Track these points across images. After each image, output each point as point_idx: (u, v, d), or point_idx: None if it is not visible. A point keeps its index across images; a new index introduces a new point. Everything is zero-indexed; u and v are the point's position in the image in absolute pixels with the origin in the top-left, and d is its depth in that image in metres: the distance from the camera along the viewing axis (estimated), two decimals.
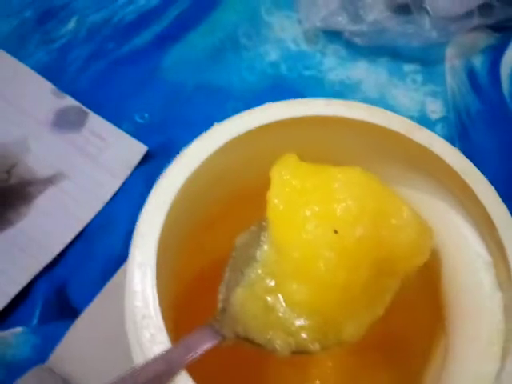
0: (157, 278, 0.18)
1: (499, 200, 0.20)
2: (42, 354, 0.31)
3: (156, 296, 0.17)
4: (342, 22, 0.41)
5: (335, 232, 0.19)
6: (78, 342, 0.31)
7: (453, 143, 0.39)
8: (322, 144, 0.22)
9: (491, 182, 0.38)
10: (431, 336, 0.23)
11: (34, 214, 0.35)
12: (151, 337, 0.17)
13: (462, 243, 0.21)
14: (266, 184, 0.20)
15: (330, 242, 0.19)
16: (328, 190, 0.20)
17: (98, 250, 0.35)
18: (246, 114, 0.20)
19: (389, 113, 0.21)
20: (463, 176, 0.20)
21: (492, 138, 0.40)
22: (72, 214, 0.36)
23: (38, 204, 0.36)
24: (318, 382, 0.25)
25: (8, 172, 0.36)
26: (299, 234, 0.19)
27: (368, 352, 0.26)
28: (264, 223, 0.20)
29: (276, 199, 0.20)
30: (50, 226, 0.35)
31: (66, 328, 0.31)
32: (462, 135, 0.39)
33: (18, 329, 0.32)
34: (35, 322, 0.33)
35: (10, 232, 0.35)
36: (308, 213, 0.19)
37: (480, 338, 0.19)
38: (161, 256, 0.18)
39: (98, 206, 0.36)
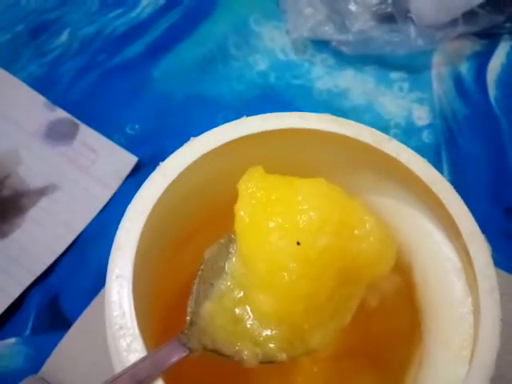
0: (134, 290, 0.18)
1: (465, 208, 0.20)
2: (34, 364, 0.32)
3: (132, 306, 0.18)
4: (328, 31, 0.41)
5: (298, 243, 0.19)
6: (71, 352, 0.31)
7: (440, 149, 0.40)
8: (295, 156, 0.23)
9: (478, 186, 0.39)
10: (409, 341, 0.23)
11: (26, 224, 0.36)
12: (127, 346, 0.18)
13: (434, 249, 0.22)
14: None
15: (292, 253, 0.19)
16: (291, 202, 0.20)
17: (90, 260, 0.35)
18: (222, 128, 0.21)
19: (359, 125, 0.22)
20: (430, 185, 0.21)
21: (479, 144, 0.40)
22: (64, 224, 0.36)
23: (31, 215, 0.36)
24: None
25: (1, 183, 0.37)
26: (264, 246, 0.20)
27: (352, 357, 0.26)
28: (233, 236, 0.21)
29: (242, 212, 0.20)
30: (42, 237, 0.36)
31: (59, 338, 0.32)
32: (448, 141, 0.40)
33: (11, 340, 0.33)
34: (28, 332, 0.33)
35: (3, 243, 0.35)
36: (272, 224, 0.20)
37: (452, 342, 0.20)
38: (138, 269, 0.18)
39: (89, 216, 0.36)
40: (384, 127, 0.40)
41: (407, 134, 0.40)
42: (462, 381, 0.18)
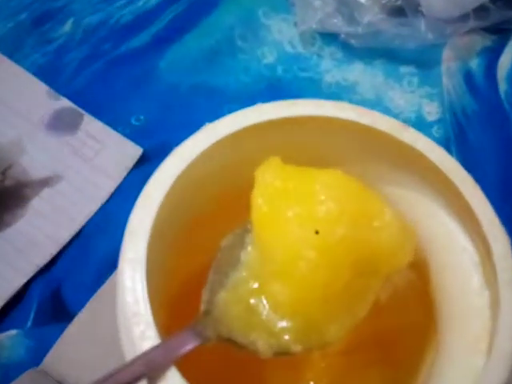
0: (148, 275, 0.18)
1: (484, 197, 0.20)
2: (36, 356, 0.31)
3: (146, 292, 0.17)
4: (337, 24, 0.41)
5: (316, 232, 0.19)
6: (73, 344, 0.31)
7: (449, 144, 0.39)
8: (311, 144, 0.22)
9: (488, 181, 0.39)
10: (423, 334, 0.23)
11: (29, 215, 0.35)
12: (141, 333, 0.17)
13: (450, 240, 0.21)
14: (253, 184, 0.20)
15: (311, 242, 0.19)
16: (309, 192, 0.20)
17: (94, 251, 0.35)
18: (238, 114, 0.20)
19: (376, 113, 0.21)
20: (448, 174, 0.20)
21: (488, 139, 0.40)
22: (68, 215, 0.36)
23: (34, 206, 0.36)
24: (311, 383, 0.25)
25: (3, 173, 0.36)
26: (281, 234, 0.19)
27: (361, 351, 0.26)
28: (249, 225, 0.20)
29: (259, 200, 0.20)
30: (45, 228, 0.35)
31: (61, 331, 0.31)
32: (458, 136, 0.40)
33: (13, 331, 0.32)
34: (30, 324, 0.33)
35: (6, 233, 0.35)
36: (290, 213, 0.19)
37: (469, 335, 0.20)
38: (151, 253, 0.18)
39: (93, 207, 0.36)
40: None
41: (417, 129, 0.39)
42: (479, 370, 0.18)
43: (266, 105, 0.21)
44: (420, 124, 0.40)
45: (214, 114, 0.39)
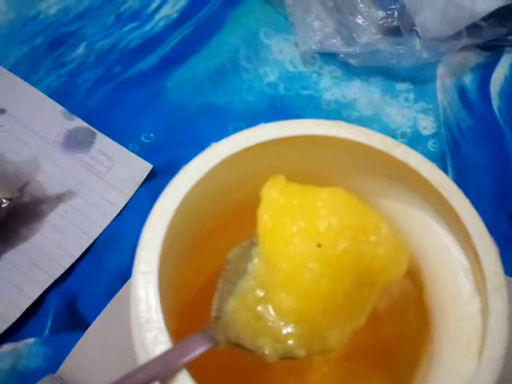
0: (160, 286, 0.19)
1: (473, 210, 0.21)
2: (53, 363, 0.33)
3: (158, 301, 0.19)
4: (336, 44, 0.43)
5: (319, 245, 0.21)
6: (88, 352, 0.32)
7: (444, 158, 0.41)
8: (310, 162, 0.24)
9: (483, 195, 0.40)
10: (418, 341, 0.24)
11: (45, 229, 0.37)
12: (154, 338, 0.18)
13: (443, 251, 0.23)
14: (257, 200, 0.22)
15: (314, 254, 0.20)
16: (312, 208, 0.21)
17: (106, 263, 0.36)
18: (241, 134, 0.22)
19: (370, 131, 0.23)
20: (439, 189, 0.22)
21: (483, 153, 0.41)
22: (81, 229, 0.37)
23: (49, 220, 0.37)
24: None
25: (21, 190, 0.38)
26: (286, 247, 0.21)
27: (362, 357, 0.27)
28: (255, 239, 0.22)
29: (265, 215, 0.21)
30: (60, 241, 0.37)
31: (77, 339, 0.33)
32: (453, 150, 0.41)
33: (31, 340, 0.34)
34: (47, 333, 0.34)
35: (23, 247, 0.36)
36: (294, 228, 0.21)
37: (460, 340, 0.21)
38: (163, 266, 0.19)
39: (105, 222, 0.38)
40: (390, 136, 0.41)
41: (413, 143, 0.41)
42: (471, 374, 0.19)
43: (268, 125, 0.22)
44: (416, 138, 0.41)
45: (220, 132, 0.42)
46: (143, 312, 0.19)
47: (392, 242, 0.21)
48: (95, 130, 0.40)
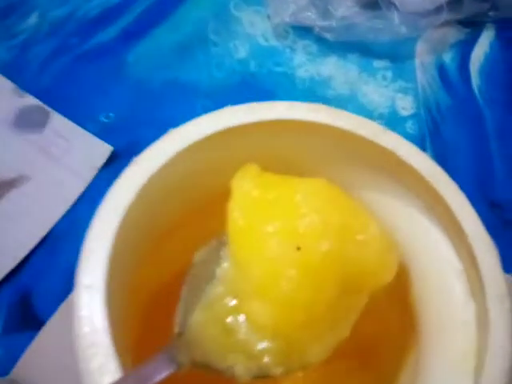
0: (109, 299, 0.16)
1: (469, 205, 0.19)
2: (5, 365, 0.30)
3: (106, 321, 0.16)
4: (311, 17, 0.40)
5: (298, 249, 0.18)
6: (42, 353, 0.30)
7: (423, 139, 0.39)
8: (286, 149, 0.21)
9: (462, 176, 0.38)
10: (402, 346, 0.22)
11: None
12: (100, 366, 0.16)
13: (432, 249, 0.21)
14: (227, 193, 0.19)
15: (292, 259, 0.18)
16: (291, 204, 0.19)
17: (63, 255, 0.34)
18: (203, 119, 0.19)
19: (353, 116, 0.20)
20: (430, 180, 0.19)
21: (463, 134, 0.40)
22: (35, 217, 0.35)
23: (0, 208, 0.34)
24: None
25: None
26: (260, 251, 0.18)
27: (342, 359, 0.25)
28: (224, 238, 0.19)
29: (236, 212, 0.19)
30: (12, 231, 0.34)
31: (30, 339, 0.30)
32: (432, 131, 0.39)
33: None
34: None
35: None
36: (270, 228, 0.18)
37: (453, 351, 0.19)
38: (112, 274, 0.17)
39: (62, 209, 0.35)
40: (367, 117, 0.38)
41: (391, 125, 0.39)
42: None
43: (235, 108, 0.20)
44: (394, 120, 0.39)
45: (187, 111, 0.39)
46: (87, 334, 0.16)
47: (381, 241, 0.19)
48: (49, 109, 0.37)
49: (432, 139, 0.39)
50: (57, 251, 0.34)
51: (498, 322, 0.17)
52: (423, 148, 0.39)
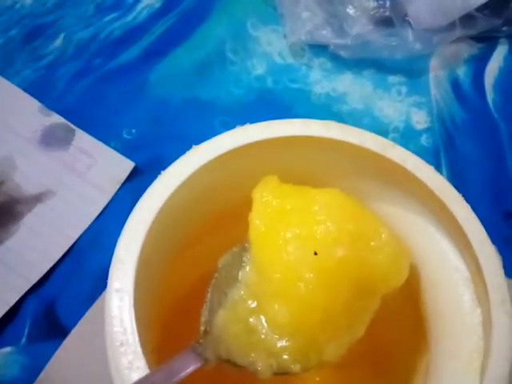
0: (136, 303, 0.18)
1: (474, 216, 0.20)
2: (31, 374, 0.31)
3: (134, 322, 0.17)
4: (326, 35, 0.41)
5: (315, 254, 0.19)
6: (67, 361, 0.31)
7: (438, 153, 0.40)
8: (301, 163, 0.22)
9: (477, 190, 0.39)
10: (414, 351, 0.23)
11: (22, 231, 0.35)
12: (129, 363, 0.17)
13: (441, 258, 0.21)
14: (248, 203, 0.20)
15: (309, 264, 0.19)
16: (308, 212, 0.20)
17: (87, 267, 0.35)
18: (224, 136, 0.20)
19: (363, 131, 0.21)
20: (437, 193, 0.20)
21: (477, 147, 0.40)
22: (60, 231, 0.36)
23: (27, 222, 0.36)
24: None
25: None
26: (280, 256, 0.19)
27: (355, 367, 0.26)
28: (246, 244, 0.21)
29: (257, 220, 0.20)
30: (38, 244, 0.35)
31: (55, 347, 0.31)
32: (447, 145, 0.40)
33: (7, 349, 0.32)
34: (24, 341, 0.33)
35: None
36: (288, 234, 0.20)
37: (461, 354, 0.20)
38: (139, 280, 0.18)
39: (86, 222, 0.36)
40: (382, 131, 0.40)
41: (406, 138, 0.40)
42: None
43: (254, 125, 0.21)
44: (409, 133, 0.40)
45: (206, 127, 0.40)
46: (117, 334, 0.17)
47: (393, 247, 0.20)
48: (74, 127, 0.38)
49: (446, 152, 0.39)
50: (80, 263, 0.35)
51: (500, 326, 0.18)
52: (438, 161, 0.39)
